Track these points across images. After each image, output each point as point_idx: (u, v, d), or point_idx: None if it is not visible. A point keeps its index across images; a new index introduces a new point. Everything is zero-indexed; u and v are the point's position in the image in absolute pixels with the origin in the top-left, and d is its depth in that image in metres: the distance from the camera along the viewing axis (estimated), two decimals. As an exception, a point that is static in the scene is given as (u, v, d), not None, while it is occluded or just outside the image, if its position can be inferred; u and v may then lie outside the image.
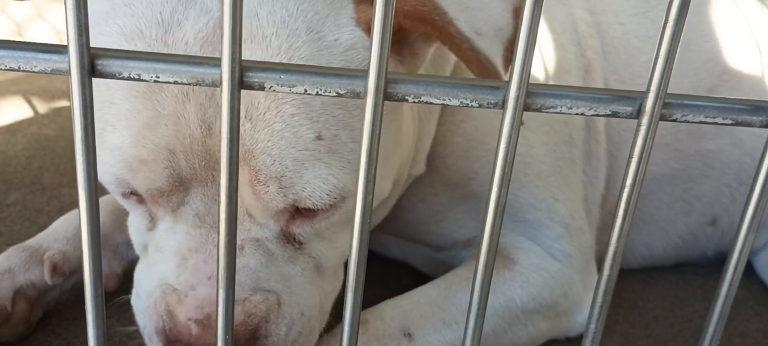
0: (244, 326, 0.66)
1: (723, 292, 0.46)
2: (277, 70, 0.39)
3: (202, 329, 0.65)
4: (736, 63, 1.09)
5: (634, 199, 0.42)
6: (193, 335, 0.65)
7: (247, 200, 0.65)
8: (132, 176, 0.63)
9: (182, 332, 0.66)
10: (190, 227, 0.67)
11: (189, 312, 0.66)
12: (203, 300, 0.66)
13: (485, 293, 0.44)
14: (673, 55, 0.38)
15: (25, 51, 0.38)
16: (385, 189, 0.76)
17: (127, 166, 0.63)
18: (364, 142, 0.39)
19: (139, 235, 0.73)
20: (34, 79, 1.67)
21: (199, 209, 0.66)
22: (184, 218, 0.67)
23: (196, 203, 0.66)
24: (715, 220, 1.14)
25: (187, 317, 0.66)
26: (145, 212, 0.70)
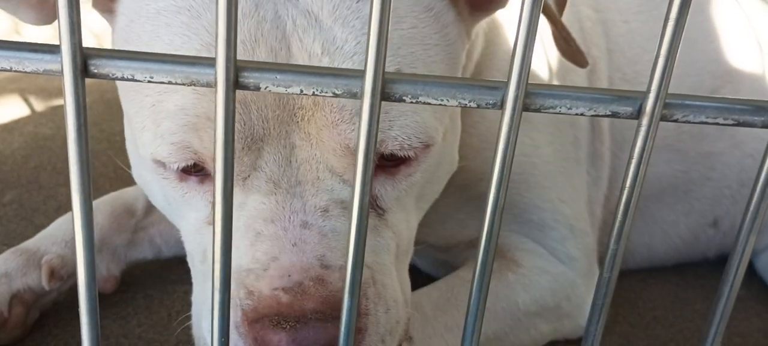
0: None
1: (725, 293, 0.46)
2: (273, 70, 0.38)
3: (294, 296, 0.56)
4: (739, 64, 1.09)
5: (634, 200, 0.42)
6: (283, 303, 0.56)
7: (329, 148, 0.60)
8: (198, 137, 0.59)
9: (269, 305, 0.57)
10: (263, 195, 0.61)
11: (274, 283, 0.58)
12: (290, 268, 0.58)
13: (484, 296, 0.44)
14: (674, 55, 0.38)
15: (16, 51, 0.37)
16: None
17: (192, 128, 0.59)
18: (362, 142, 0.39)
19: (197, 237, 0.66)
20: (32, 77, 1.67)
21: (273, 173, 0.61)
22: (256, 186, 0.61)
23: (269, 166, 0.61)
24: (717, 221, 1.13)
25: (272, 288, 0.57)
26: (208, 195, 0.64)
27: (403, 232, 0.69)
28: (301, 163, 0.62)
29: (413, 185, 0.68)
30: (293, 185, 0.61)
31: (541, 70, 0.93)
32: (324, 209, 0.61)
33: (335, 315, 0.56)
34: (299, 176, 0.62)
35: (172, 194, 0.66)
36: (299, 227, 0.60)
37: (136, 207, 0.97)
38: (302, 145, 0.61)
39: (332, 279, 0.58)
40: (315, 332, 0.56)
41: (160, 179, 0.66)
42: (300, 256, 0.58)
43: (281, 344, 0.56)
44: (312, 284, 0.57)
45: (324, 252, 0.59)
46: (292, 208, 0.60)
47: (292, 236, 0.59)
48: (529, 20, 0.36)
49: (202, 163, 0.62)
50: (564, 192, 0.93)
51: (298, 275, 0.57)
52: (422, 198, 0.73)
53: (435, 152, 0.68)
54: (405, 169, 0.66)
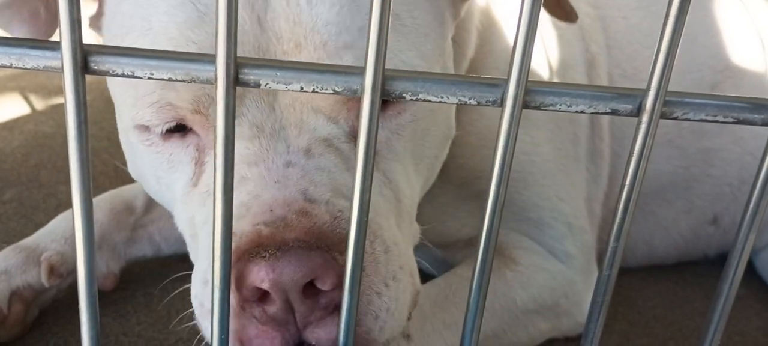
0: (333, 227, 0.54)
1: (724, 291, 0.46)
2: (273, 67, 0.38)
3: (276, 229, 0.53)
4: (739, 59, 1.09)
5: (634, 197, 0.42)
6: (264, 235, 0.53)
7: None
8: (175, 91, 0.58)
9: (250, 240, 0.53)
10: (247, 140, 0.59)
11: (255, 219, 0.54)
12: (271, 203, 0.55)
13: (483, 294, 0.44)
14: (673, 53, 0.38)
15: (17, 47, 0.37)
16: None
17: (168, 84, 0.58)
18: (362, 139, 0.39)
19: (184, 207, 0.64)
20: (32, 75, 1.67)
21: (256, 118, 0.59)
22: (239, 132, 0.59)
23: (251, 112, 0.59)
24: (717, 219, 1.13)
25: (253, 224, 0.54)
26: (191, 149, 0.63)
27: (400, 184, 0.66)
28: (285, 108, 0.60)
29: (403, 126, 0.65)
30: (277, 130, 0.60)
31: (540, 68, 0.93)
32: (306, 148, 0.59)
33: (319, 245, 0.52)
34: (283, 120, 0.60)
35: (159, 161, 0.65)
36: (282, 167, 0.58)
37: (135, 205, 0.97)
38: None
39: (317, 212, 0.55)
40: (297, 259, 0.51)
41: (146, 146, 0.65)
42: (282, 191, 0.56)
43: (260, 274, 0.51)
44: (295, 216, 0.54)
45: (307, 186, 0.57)
46: (275, 150, 0.59)
47: (275, 174, 0.57)
48: (529, 17, 0.36)
49: (182, 120, 0.61)
50: (563, 190, 0.93)
51: (280, 209, 0.55)
52: (420, 158, 0.70)
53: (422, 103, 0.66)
54: (394, 107, 0.64)
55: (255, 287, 0.52)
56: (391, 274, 0.58)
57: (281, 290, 0.51)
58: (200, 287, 0.60)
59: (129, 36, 0.64)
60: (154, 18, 0.61)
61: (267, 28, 0.59)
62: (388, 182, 0.64)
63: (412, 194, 0.69)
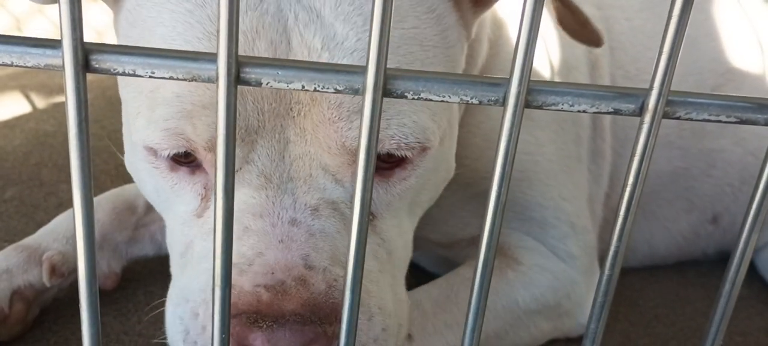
0: (327, 297, 0.57)
1: (726, 291, 0.46)
2: (275, 66, 0.38)
3: (274, 295, 0.56)
4: (740, 62, 1.09)
5: (636, 197, 0.42)
6: (263, 301, 0.55)
7: (324, 145, 0.60)
8: (192, 125, 0.59)
9: (248, 302, 0.55)
10: (254, 190, 0.60)
11: (256, 279, 0.56)
12: (274, 265, 0.57)
13: (485, 294, 0.44)
14: (676, 52, 0.38)
15: (18, 45, 0.37)
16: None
17: (187, 115, 0.58)
18: (363, 139, 0.39)
19: (183, 229, 0.65)
20: (33, 74, 1.67)
21: (266, 167, 0.60)
22: (247, 180, 0.60)
23: (262, 160, 0.60)
24: (717, 218, 1.13)
25: (253, 284, 0.56)
26: (198, 187, 0.64)
27: (394, 239, 0.68)
28: (295, 160, 0.61)
29: (407, 190, 0.67)
30: (285, 181, 0.61)
31: (542, 69, 0.93)
32: (314, 207, 0.60)
33: (314, 319, 0.56)
34: (291, 172, 0.61)
35: (162, 184, 0.66)
36: (287, 224, 0.59)
37: (137, 204, 0.97)
38: (297, 140, 0.61)
39: (314, 281, 0.57)
40: (291, 334, 0.55)
41: (151, 168, 0.65)
42: (285, 253, 0.58)
43: (256, 343, 0.55)
44: (294, 284, 0.57)
45: (309, 252, 0.59)
46: (282, 204, 0.60)
47: (279, 232, 0.59)
48: (531, 16, 0.36)
49: (193, 153, 0.62)
50: (565, 190, 0.93)
51: (281, 273, 0.57)
52: (416, 205, 0.72)
53: (431, 157, 0.68)
54: (400, 173, 0.65)
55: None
56: (372, 338, 0.61)
57: None
58: (189, 317, 0.61)
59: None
60: (166, 31, 0.61)
61: (292, 45, 0.59)
62: (383, 243, 0.66)
63: (406, 240, 0.71)
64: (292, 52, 0.60)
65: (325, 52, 0.59)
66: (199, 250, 0.63)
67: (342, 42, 0.60)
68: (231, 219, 0.40)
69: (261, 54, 0.59)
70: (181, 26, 0.61)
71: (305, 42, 0.60)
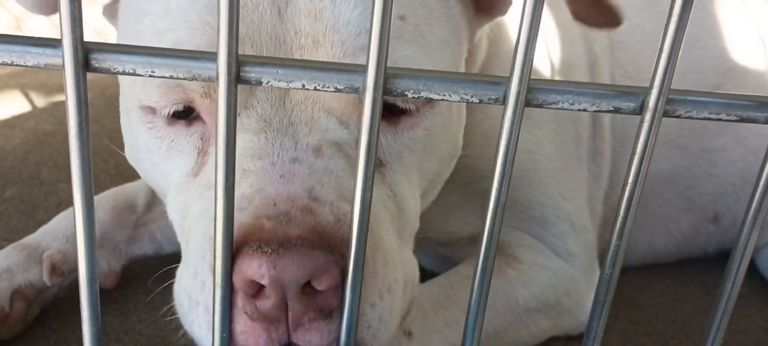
0: (337, 228, 0.52)
1: (727, 290, 0.46)
2: (275, 65, 0.38)
3: (278, 223, 0.51)
4: (742, 60, 1.09)
5: (636, 196, 0.42)
6: (266, 229, 0.51)
7: None
8: None
9: (250, 233, 0.51)
10: (252, 134, 0.57)
11: (257, 211, 0.52)
12: (276, 196, 0.53)
13: (485, 292, 0.44)
14: (676, 51, 0.38)
15: (18, 45, 0.37)
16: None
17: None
18: (363, 137, 0.39)
19: (179, 197, 0.63)
20: (33, 73, 1.67)
21: (265, 111, 0.58)
22: (246, 125, 0.57)
23: (261, 104, 0.58)
24: (718, 217, 1.13)
25: (255, 216, 0.52)
26: (194, 139, 0.62)
27: (405, 195, 0.65)
28: (296, 105, 0.59)
29: (416, 141, 0.65)
30: (285, 126, 0.58)
31: (543, 67, 0.93)
32: (316, 147, 0.57)
33: (322, 245, 0.51)
34: (293, 116, 0.59)
35: (160, 145, 0.64)
36: (288, 162, 0.56)
37: (137, 203, 0.97)
38: None
39: (321, 212, 0.53)
40: (300, 258, 0.49)
41: (147, 130, 0.64)
42: (287, 186, 0.54)
43: (261, 270, 0.49)
44: (299, 213, 0.52)
45: (313, 185, 0.55)
46: (282, 145, 0.57)
47: (280, 169, 0.55)
48: (531, 15, 0.36)
49: (190, 103, 0.60)
50: (565, 188, 0.93)
51: (284, 204, 0.53)
52: (425, 172, 0.69)
53: (438, 113, 0.66)
54: (407, 121, 0.63)
55: (252, 281, 0.50)
56: (386, 286, 0.57)
57: (279, 287, 0.50)
58: (190, 279, 0.58)
59: (146, 18, 0.63)
60: (173, 2, 0.60)
61: (286, 21, 0.58)
62: (393, 196, 0.63)
63: (416, 206, 0.68)
64: (284, 21, 0.59)
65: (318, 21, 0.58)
66: (196, 210, 0.60)
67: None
68: (231, 219, 0.40)
69: (249, 15, 0.57)
70: (174, 4, 0.59)
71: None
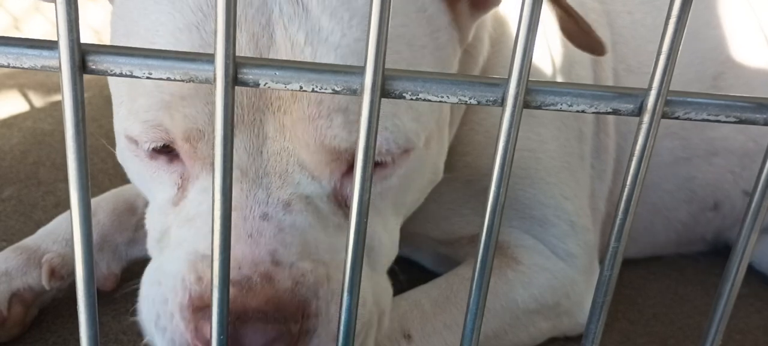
0: (292, 295, 0.57)
1: (725, 291, 0.45)
2: (272, 66, 0.38)
3: (240, 291, 0.56)
4: (741, 49, 1.10)
5: (635, 198, 0.42)
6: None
7: (302, 142, 0.60)
8: (169, 116, 0.59)
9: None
10: None
11: None
12: (241, 259, 0.57)
13: (484, 294, 0.44)
14: (675, 52, 0.38)
15: (14, 47, 0.37)
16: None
17: (165, 106, 0.58)
18: (361, 139, 0.39)
19: (160, 217, 0.67)
20: (30, 73, 1.67)
21: (242, 161, 0.60)
22: None
23: (239, 153, 0.60)
24: (717, 205, 1.14)
25: None
26: (175, 176, 0.64)
27: (378, 235, 0.67)
28: (272, 155, 0.61)
29: (389, 190, 0.67)
30: (260, 176, 0.60)
31: (544, 66, 0.93)
32: (286, 202, 0.60)
33: (278, 317, 0.56)
34: (268, 167, 0.61)
35: (143, 172, 0.66)
36: (258, 219, 0.59)
37: (137, 205, 0.97)
38: (275, 136, 0.60)
39: (280, 278, 0.57)
40: (253, 331, 0.55)
41: (133, 156, 0.66)
42: (253, 248, 0.57)
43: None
44: (259, 280, 0.57)
45: (277, 247, 0.58)
46: (255, 198, 0.60)
47: (250, 226, 0.58)
48: (529, 17, 0.36)
49: (172, 144, 0.62)
50: (567, 188, 0.93)
51: (247, 268, 0.57)
52: (400, 205, 0.72)
53: (415, 158, 0.67)
54: (381, 172, 0.65)
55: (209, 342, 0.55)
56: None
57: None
58: (160, 303, 0.61)
59: (134, 38, 0.63)
60: (157, 40, 0.61)
61: None
62: (368, 251, 0.66)
63: (390, 239, 0.70)
64: (274, 46, 0.59)
65: (309, 46, 0.59)
66: (175, 237, 0.63)
67: (326, 37, 0.59)
68: (229, 220, 0.40)
69: (241, 47, 0.58)
70: (164, 17, 0.60)
71: (289, 36, 0.59)
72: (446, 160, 0.85)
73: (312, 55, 0.59)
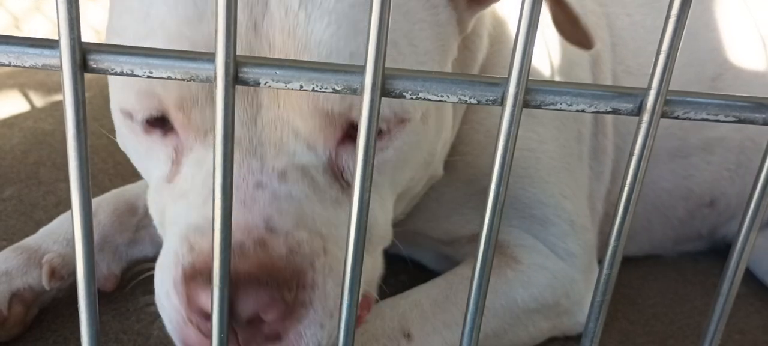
0: (287, 262, 0.56)
1: (724, 290, 0.46)
2: (273, 66, 0.38)
3: (232, 256, 0.55)
4: (739, 51, 1.10)
5: (634, 197, 0.42)
6: None
7: (296, 107, 0.59)
8: (162, 84, 0.58)
9: (205, 262, 0.55)
10: None
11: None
12: (234, 226, 0.55)
13: (483, 293, 0.44)
14: (674, 52, 0.38)
15: (15, 46, 0.37)
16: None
17: None
18: (362, 138, 0.39)
19: (157, 197, 0.66)
20: (31, 72, 1.67)
21: (236, 130, 0.59)
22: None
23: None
24: (713, 202, 1.15)
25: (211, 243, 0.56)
26: (169, 150, 0.64)
27: (374, 211, 0.66)
28: (266, 124, 0.60)
29: (385, 162, 0.66)
30: (255, 145, 0.60)
31: (543, 66, 0.93)
32: (281, 171, 0.59)
33: (270, 281, 0.55)
34: (262, 136, 0.60)
35: (138, 147, 0.66)
36: (252, 187, 0.58)
37: (138, 205, 0.97)
38: (269, 104, 0.60)
39: (275, 244, 0.56)
40: (244, 294, 0.54)
41: (128, 132, 0.66)
42: (246, 215, 0.56)
43: (208, 302, 0.53)
44: (252, 245, 0.55)
45: (272, 214, 0.57)
46: (249, 167, 0.59)
47: (243, 194, 0.57)
48: (529, 16, 0.36)
49: (166, 114, 0.61)
50: (566, 187, 0.93)
51: (240, 234, 0.55)
52: (397, 182, 0.71)
53: (411, 130, 0.67)
54: (378, 143, 0.63)
55: (202, 308, 0.55)
56: (337, 305, 0.59)
57: None
58: (168, 281, 0.60)
59: (127, 15, 0.63)
60: (153, 7, 0.61)
61: (261, 35, 0.58)
62: None
63: (384, 217, 0.70)
64: (268, 12, 0.58)
65: (302, 11, 0.58)
66: (170, 215, 0.63)
67: (320, 2, 0.58)
68: (229, 219, 0.40)
69: (238, 25, 0.58)
70: (173, 3, 0.59)
71: (282, 2, 0.58)
72: (447, 160, 0.85)
73: (306, 20, 0.58)
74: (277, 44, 0.59)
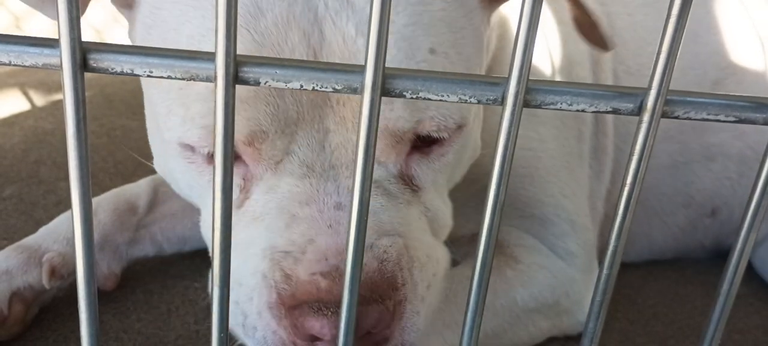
0: (380, 273, 0.58)
1: (725, 290, 0.46)
2: (273, 65, 0.38)
3: (332, 281, 0.56)
4: (741, 56, 1.10)
5: (634, 197, 0.42)
6: (322, 288, 0.56)
7: None
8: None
9: (308, 292, 0.57)
10: (297, 179, 0.61)
11: (312, 267, 0.57)
12: (327, 250, 0.58)
13: (483, 293, 0.44)
14: (675, 52, 0.38)
15: (16, 45, 0.37)
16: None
17: None
18: (361, 138, 0.39)
19: None
20: (31, 71, 1.67)
21: (307, 157, 0.61)
22: (289, 170, 0.61)
23: (303, 150, 0.61)
24: (715, 212, 1.14)
25: (310, 273, 0.57)
26: (237, 178, 0.64)
27: (439, 208, 0.70)
28: (335, 148, 0.62)
29: (446, 166, 0.68)
30: (327, 169, 0.61)
31: (544, 67, 0.93)
32: None
33: (373, 298, 0.57)
34: (333, 160, 0.62)
35: (198, 179, 0.66)
36: (333, 209, 0.60)
37: (138, 204, 0.97)
38: (337, 129, 0.61)
39: (367, 260, 0.58)
40: (359, 318, 0.55)
41: (186, 164, 0.66)
42: (335, 238, 0.58)
43: (324, 331, 0.56)
44: None
45: None
46: (326, 190, 0.60)
47: (327, 217, 0.59)
48: (529, 16, 0.36)
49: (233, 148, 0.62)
50: (566, 187, 0.93)
51: (334, 258, 0.57)
52: (452, 179, 0.75)
53: (466, 133, 0.69)
54: (438, 149, 0.67)
55: (311, 334, 0.57)
56: (425, 285, 0.63)
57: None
58: (236, 290, 0.62)
59: (154, 30, 0.64)
60: (186, 31, 0.61)
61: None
62: (427, 211, 0.68)
63: (447, 209, 0.73)
64: (325, 42, 0.59)
65: (360, 37, 0.59)
66: (244, 238, 0.63)
67: None
68: (229, 218, 0.40)
69: (294, 45, 0.59)
70: (209, 22, 0.60)
71: (339, 29, 0.59)
72: None
73: (365, 45, 0.59)
74: None
